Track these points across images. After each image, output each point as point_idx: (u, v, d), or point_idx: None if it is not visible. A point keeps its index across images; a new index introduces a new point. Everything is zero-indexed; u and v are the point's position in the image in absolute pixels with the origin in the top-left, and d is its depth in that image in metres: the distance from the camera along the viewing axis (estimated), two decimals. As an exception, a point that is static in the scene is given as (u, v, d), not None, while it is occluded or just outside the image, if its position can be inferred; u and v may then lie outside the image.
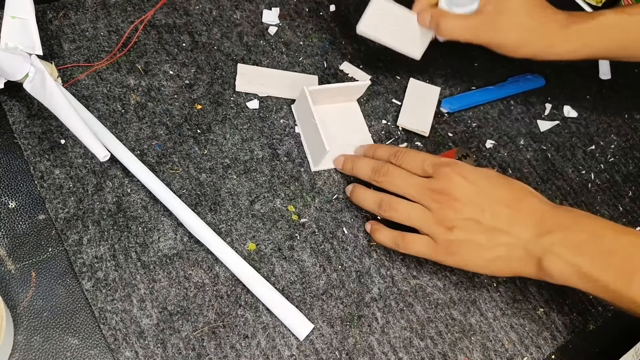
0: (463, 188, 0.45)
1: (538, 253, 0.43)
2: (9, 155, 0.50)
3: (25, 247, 0.46)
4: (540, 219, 0.44)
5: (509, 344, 0.50)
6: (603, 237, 0.42)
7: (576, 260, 0.42)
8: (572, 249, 0.42)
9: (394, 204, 0.48)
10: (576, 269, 0.42)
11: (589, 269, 0.41)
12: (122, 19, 0.60)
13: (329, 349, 0.47)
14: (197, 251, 0.49)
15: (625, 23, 0.54)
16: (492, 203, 0.45)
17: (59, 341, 0.43)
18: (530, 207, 0.44)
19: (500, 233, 0.44)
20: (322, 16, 0.68)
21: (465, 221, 0.45)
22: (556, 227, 0.43)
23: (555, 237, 0.42)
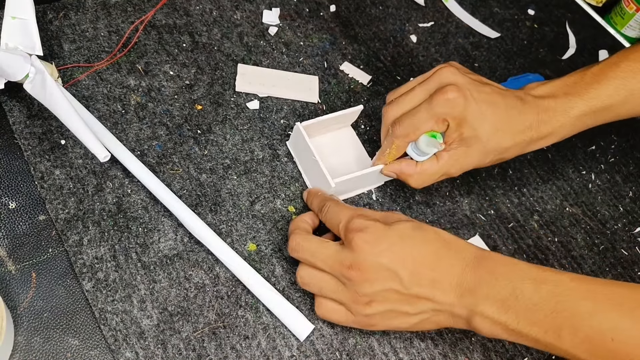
0: (375, 258, 0.41)
1: (464, 314, 0.42)
2: (9, 156, 0.50)
3: (25, 247, 0.46)
4: (459, 278, 0.42)
5: (509, 345, 0.50)
6: (523, 291, 0.40)
7: (502, 319, 0.40)
8: (495, 307, 0.40)
9: (304, 276, 0.45)
10: (504, 326, 0.41)
11: (516, 326, 0.40)
12: (122, 20, 0.60)
13: (330, 350, 0.47)
14: (197, 252, 0.49)
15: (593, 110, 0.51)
16: (409, 268, 0.41)
17: (60, 342, 0.43)
18: (448, 266, 0.42)
19: (423, 300, 0.42)
20: (323, 16, 0.68)
21: (383, 293, 0.42)
22: (476, 286, 0.41)
23: (478, 297, 0.41)
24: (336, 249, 0.43)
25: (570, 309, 0.39)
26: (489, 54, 0.71)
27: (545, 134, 0.51)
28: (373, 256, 0.42)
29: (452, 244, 0.43)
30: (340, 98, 0.62)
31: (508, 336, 0.41)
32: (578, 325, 0.38)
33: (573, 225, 0.59)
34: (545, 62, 0.72)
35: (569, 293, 0.39)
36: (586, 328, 0.38)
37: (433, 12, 0.74)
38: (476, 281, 0.41)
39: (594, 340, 0.38)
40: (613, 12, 0.86)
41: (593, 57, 0.75)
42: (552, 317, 0.39)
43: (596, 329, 0.38)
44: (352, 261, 0.42)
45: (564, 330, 0.39)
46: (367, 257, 0.42)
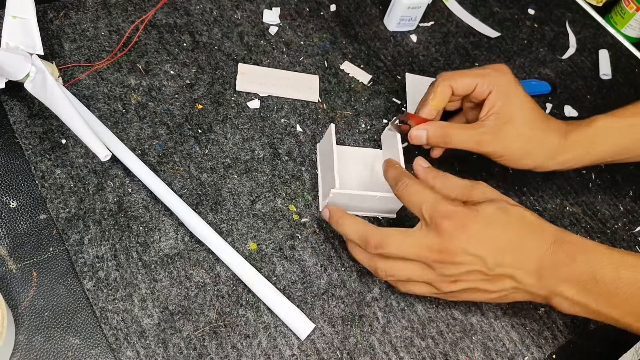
0: (462, 244, 0.43)
1: (544, 294, 0.44)
2: (10, 155, 0.50)
3: (26, 246, 0.46)
4: (540, 261, 0.43)
5: (510, 344, 0.50)
6: (603, 275, 0.42)
7: (582, 300, 0.43)
8: (575, 290, 0.42)
9: (388, 269, 0.46)
10: (584, 307, 0.43)
11: (595, 307, 0.42)
12: (122, 19, 0.60)
13: (330, 349, 0.47)
14: (198, 251, 0.49)
15: (620, 126, 0.54)
16: (494, 252, 0.43)
17: (60, 341, 0.43)
18: (530, 249, 0.43)
19: (504, 279, 0.44)
20: (323, 16, 0.68)
21: (468, 274, 0.44)
22: (556, 268, 0.43)
23: (557, 279, 0.43)
24: (421, 235, 0.44)
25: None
26: (489, 54, 0.71)
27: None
28: (460, 242, 0.43)
29: (534, 226, 0.44)
30: (340, 97, 0.62)
31: (587, 315, 0.43)
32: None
33: (573, 225, 0.59)
34: (545, 61, 0.73)
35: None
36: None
37: (433, 12, 0.74)
38: (556, 263, 0.42)
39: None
40: (613, 12, 0.87)
41: (593, 57, 0.75)
42: (632, 301, 0.40)
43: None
44: (440, 246, 0.43)
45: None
46: (454, 242, 0.43)
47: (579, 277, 0.42)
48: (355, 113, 0.61)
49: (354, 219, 0.48)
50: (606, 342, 0.54)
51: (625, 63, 0.76)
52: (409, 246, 0.44)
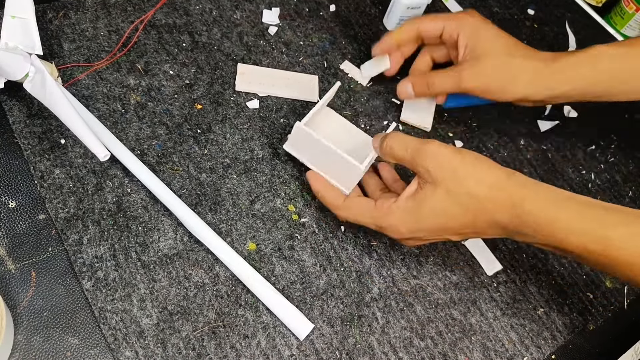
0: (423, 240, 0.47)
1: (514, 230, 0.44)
2: (9, 155, 0.50)
3: (25, 246, 0.46)
4: (503, 229, 0.43)
5: (509, 344, 0.50)
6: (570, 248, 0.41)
7: (549, 250, 0.44)
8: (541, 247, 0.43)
9: None
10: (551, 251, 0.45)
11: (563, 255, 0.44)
12: (122, 19, 0.60)
13: (329, 349, 0.47)
14: (197, 251, 0.49)
15: (615, 53, 0.52)
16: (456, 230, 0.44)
17: (59, 341, 0.43)
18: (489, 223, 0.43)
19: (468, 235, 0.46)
20: (322, 16, 0.68)
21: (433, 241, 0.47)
22: (520, 235, 0.43)
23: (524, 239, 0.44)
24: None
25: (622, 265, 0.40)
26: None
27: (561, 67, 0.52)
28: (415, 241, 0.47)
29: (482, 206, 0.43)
30: (340, 97, 0.62)
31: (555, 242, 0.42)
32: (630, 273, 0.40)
33: (573, 225, 0.59)
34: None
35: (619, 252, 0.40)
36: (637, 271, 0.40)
37: (433, 12, 0.74)
38: (520, 233, 0.43)
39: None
40: (613, 12, 0.86)
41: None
42: (602, 264, 0.41)
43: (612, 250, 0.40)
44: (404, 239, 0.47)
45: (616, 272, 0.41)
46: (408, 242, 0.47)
47: (546, 245, 0.42)
48: (355, 113, 0.61)
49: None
50: (606, 342, 0.54)
51: (625, 63, 0.76)
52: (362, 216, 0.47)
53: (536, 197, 0.42)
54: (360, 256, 0.52)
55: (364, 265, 0.52)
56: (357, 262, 0.51)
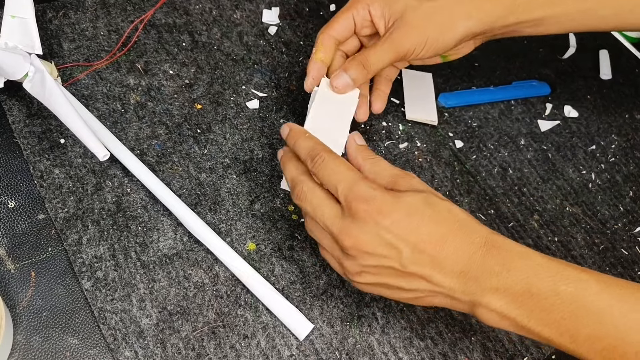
0: (377, 232, 0.38)
1: (466, 300, 0.39)
2: (9, 155, 0.50)
3: (24, 246, 0.46)
4: (465, 265, 0.38)
5: (509, 344, 0.50)
6: (540, 288, 0.36)
7: (511, 314, 0.37)
8: (504, 302, 0.37)
9: (308, 222, 0.43)
10: (513, 322, 0.38)
11: (526, 324, 0.37)
12: (122, 19, 0.60)
13: (329, 349, 0.47)
14: (196, 251, 0.49)
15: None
16: (411, 246, 0.38)
17: (59, 341, 0.43)
18: (454, 249, 0.38)
19: (419, 279, 0.39)
20: (323, 16, 0.68)
21: (378, 268, 0.39)
22: (484, 276, 0.37)
23: (484, 288, 0.37)
24: (337, 213, 0.40)
25: (592, 316, 0.35)
26: (489, 54, 0.71)
27: None
28: (375, 230, 0.38)
29: (463, 225, 0.39)
30: (340, 97, 0.62)
31: (516, 330, 0.38)
32: (600, 334, 0.35)
33: (573, 225, 0.59)
34: (545, 61, 0.72)
35: (592, 299, 0.35)
36: (609, 338, 0.35)
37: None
38: (484, 271, 0.37)
39: (616, 351, 0.35)
40: (613, 12, 0.86)
41: (593, 56, 0.75)
42: (570, 320, 0.36)
43: (620, 341, 0.35)
44: (351, 232, 0.38)
45: (582, 336, 0.36)
46: (369, 230, 0.38)
47: (511, 287, 0.36)
48: (355, 113, 0.61)
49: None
50: (606, 342, 0.54)
51: (625, 63, 0.76)
52: (324, 216, 0.40)
53: (504, 237, 0.39)
54: (360, 256, 0.52)
55: (364, 265, 0.51)
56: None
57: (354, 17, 0.50)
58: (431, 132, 0.62)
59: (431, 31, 0.47)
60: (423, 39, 0.47)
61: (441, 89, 0.66)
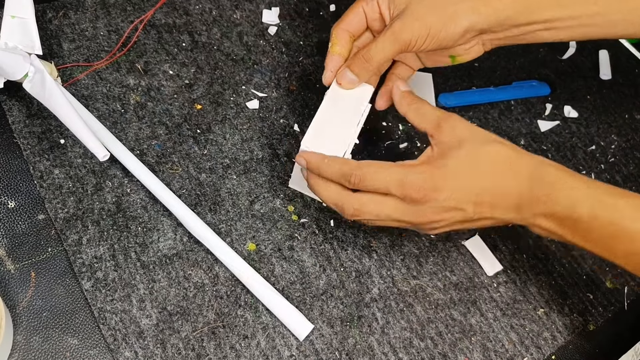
0: (440, 204, 0.43)
1: (522, 223, 0.45)
2: (9, 155, 0.50)
3: (24, 247, 0.46)
4: (518, 200, 0.43)
5: (509, 345, 0.50)
6: (580, 215, 0.42)
7: (559, 232, 0.43)
8: (553, 223, 0.43)
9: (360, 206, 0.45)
10: (560, 237, 0.44)
11: (572, 239, 0.43)
12: (121, 19, 0.60)
13: (329, 350, 0.47)
14: (196, 251, 0.49)
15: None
16: (472, 201, 0.43)
17: (59, 341, 0.43)
18: (507, 188, 0.43)
19: (483, 220, 0.45)
20: (322, 16, 0.68)
21: (449, 224, 0.45)
22: (534, 204, 0.43)
23: (535, 213, 0.43)
24: (396, 204, 0.44)
25: (626, 237, 0.41)
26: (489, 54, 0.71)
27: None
28: (439, 204, 0.43)
29: (509, 162, 0.44)
30: (340, 98, 0.62)
31: (565, 241, 0.44)
32: (633, 250, 0.41)
33: (573, 225, 0.59)
34: (545, 61, 0.72)
35: (627, 223, 0.41)
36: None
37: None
38: (533, 200, 0.43)
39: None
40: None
41: (593, 57, 0.75)
42: (608, 239, 0.42)
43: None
44: (419, 213, 0.43)
45: (619, 251, 0.42)
46: (434, 205, 0.43)
47: (556, 213, 0.42)
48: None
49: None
50: (606, 342, 0.54)
51: (625, 63, 0.76)
52: (386, 215, 0.44)
53: (552, 164, 0.44)
54: (360, 256, 0.52)
55: (364, 265, 0.52)
56: (356, 263, 0.51)
57: (364, 10, 0.50)
58: (431, 132, 0.62)
59: (434, 22, 0.47)
60: (425, 30, 0.47)
61: (441, 89, 0.66)
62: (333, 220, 0.53)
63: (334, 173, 0.45)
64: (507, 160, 0.44)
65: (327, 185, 0.46)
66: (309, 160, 0.46)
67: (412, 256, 0.53)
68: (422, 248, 0.54)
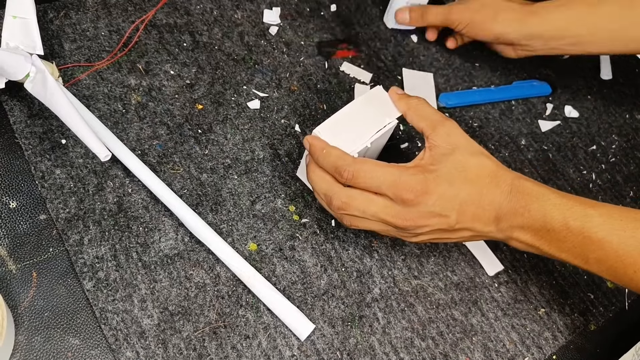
0: (427, 209, 0.44)
1: (501, 237, 0.46)
2: (10, 155, 0.50)
3: (26, 247, 0.46)
4: (498, 211, 0.45)
5: (510, 344, 0.50)
6: (553, 225, 0.43)
7: (535, 244, 0.45)
8: (529, 235, 0.45)
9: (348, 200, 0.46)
10: (537, 249, 0.45)
11: (548, 250, 0.45)
12: (123, 19, 0.60)
13: (330, 349, 0.47)
14: (198, 251, 0.49)
15: (591, 3, 0.61)
16: (457, 210, 0.44)
17: (60, 341, 0.43)
18: (489, 200, 0.45)
19: (465, 230, 0.46)
20: (323, 16, 0.68)
21: (432, 231, 0.45)
22: (512, 216, 0.44)
23: (513, 226, 0.45)
24: (385, 203, 0.45)
25: (596, 244, 0.42)
26: (490, 54, 0.71)
27: None
28: (426, 208, 0.44)
29: (492, 175, 0.45)
30: (340, 98, 0.62)
31: (542, 254, 0.46)
32: (603, 258, 0.43)
33: (574, 225, 0.59)
34: (545, 61, 0.72)
35: (596, 230, 0.42)
36: (611, 260, 0.42)
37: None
38: (512, 212, 0.44)
39: (617, 270, 0.43)
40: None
41: (594, 57, 0.75)
42: (580, 248, 0.43)
43: (620, 262, 0.42)
44: (407, 215, 0.44)
45: (591, 259, 0.43)
46: (421, 209, 0.44)
47: (532, 225, 0.44)
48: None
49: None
50: (606, 342, 0.54)
51: (625, 63, 0.76)
52: (372, 212, 0.45)
53: (528, 179, 0.46)
54: (361, 256, 0.52)
55: (365, 265, 0.52)
56: (358, 263, 0.51)
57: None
58: (432, 132, 0.62)
59: (476, 17, 0.62)
60: (467, 19, 0.63)
61: (442, 89, 0.66)
62: (334, 221, 0.53)
63: (329, 164, 0.46)
64: (491, 173, 0.45)
65: (322, 174, 0.47)
66: (312, 144, 0.47)
67: (413, 256, 0.53)
68: (423, 248, 0.54)
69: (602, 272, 0.44)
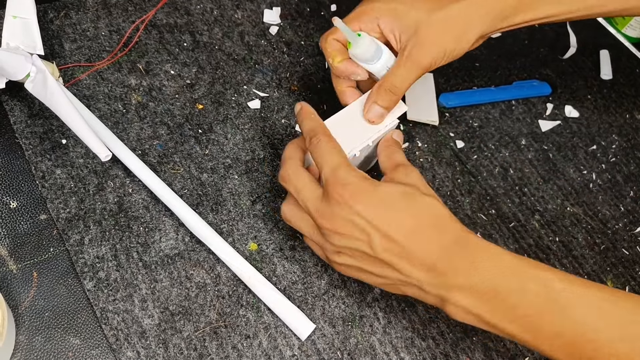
0: (348, 215, 0.40)
1: (435, 294, 0.40)
2: (10, 155, 0.50)
3: (26, 247, 0.46)
4: (434, 260, 0.39)
5: (511, 344, 0.50)
6: (505, 288, 0.38)
7: (476, 311, 0.38)
8: (471, 299, 0.38)
9: (287, 211, 0.45)
10: (477, 317, 0.39)
11: (490, 319, 0.38)
12: (123, 19, 0.60)
13: (331, 349, 0.47)
14: (198, 251, 0.49)
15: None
16: (382, 232, 0.39)
17: (61, 341, 0.43)
18: (425, 243, 0.39)
19: (388, 266, 0.40)
20: (324, 16, 0.68)
21: (352, 250, 0.41)
22: (452, 272, 0.38)
23: (451, 285, 0.39)
24: (318, 195, 0.42)
25: (555, 314, 0.37)
26: (490, 54, 0.71)
27: None
28: (347, 213, 0.40)
29: (439, 221, 0.40)
30: (341, 97, 0.62)
31: (480, 326, 0.39)
32: (561, 331, 0.36)
33: (574, 225, 0.59)
34: (546, 61, 0.72)
35: (555, 297, 0.37)
36: (570, 335, 0.36)
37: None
38: (452, 268, 0.39)
39: (575, 346, 0.36)
40: (614, 12, 0.86)
41: (594, 56, 0.75)
42: (534, 317, 0.37)
43: (579, 337, 0.36)
44: (327, 213, 0.40)
45: (545, 332, 0.37)
46: (342, 212, 0.40)
47: (477, 285, 0.38)
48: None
49: (298, 143, 0.45)
50: (607, 342, 0.54)
51: (625, 63, 0.76)
52: (305, 197, 0.42)
53: (477, 235, 0.41)
54: (361, 256, 0.52)
55: (366, 265, 0.52)
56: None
57: (361, 29, 0.49)
58: (432, 132, 0.62)
59: (448, 42, 0.48)
60: (442, 52, 0.48)
61: (442, 89, 0.66)
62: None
63: (308, 127, 0.45)
64: (439, 217, 0.41)
65: (295, 143, 0.46)
66: (303, 107, 0.46)
67: (413, 256, 0.53)
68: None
69: (552, 349, 0.37)
